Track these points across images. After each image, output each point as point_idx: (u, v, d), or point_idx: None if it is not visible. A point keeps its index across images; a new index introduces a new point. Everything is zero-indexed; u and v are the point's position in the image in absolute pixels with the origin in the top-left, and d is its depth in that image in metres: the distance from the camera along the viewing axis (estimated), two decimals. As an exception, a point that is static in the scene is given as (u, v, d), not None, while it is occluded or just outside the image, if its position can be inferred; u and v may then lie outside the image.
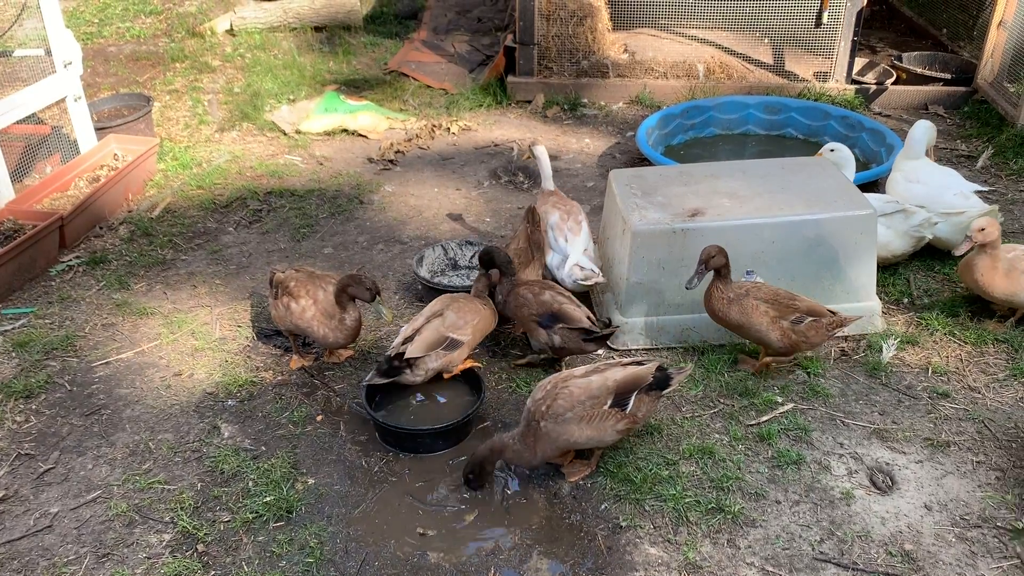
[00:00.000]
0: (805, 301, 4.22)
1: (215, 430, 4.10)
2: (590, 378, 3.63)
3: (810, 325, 4.16)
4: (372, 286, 4.14)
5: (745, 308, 4.13)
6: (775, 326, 4.14)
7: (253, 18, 9.24)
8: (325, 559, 3.42)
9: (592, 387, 3.59)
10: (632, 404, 3.63)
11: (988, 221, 4.39)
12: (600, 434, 3.60)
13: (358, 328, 4.31)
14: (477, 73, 8.40)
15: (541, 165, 5.25)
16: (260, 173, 6.64)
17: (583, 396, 3.57)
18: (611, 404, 3.60)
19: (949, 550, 3.42)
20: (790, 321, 4.13)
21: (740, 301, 4.15)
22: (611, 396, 3.60)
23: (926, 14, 9.17)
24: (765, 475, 3.78)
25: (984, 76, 7.33)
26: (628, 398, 3.62)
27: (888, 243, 4.97)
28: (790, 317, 4.14)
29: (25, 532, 3.57)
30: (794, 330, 4.14)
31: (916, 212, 4.95)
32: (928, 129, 5.37)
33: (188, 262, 5.50)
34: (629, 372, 3.67)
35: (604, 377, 3.63)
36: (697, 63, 7.79)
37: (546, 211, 4.95)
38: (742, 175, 4.84)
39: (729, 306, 4.18)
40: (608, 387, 3.61)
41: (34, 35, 5.96)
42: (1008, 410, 4.13)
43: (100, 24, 9.57)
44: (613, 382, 3.62)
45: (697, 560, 3.38)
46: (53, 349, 4.65)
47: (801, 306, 4.18)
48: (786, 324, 4.14)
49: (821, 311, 4.21)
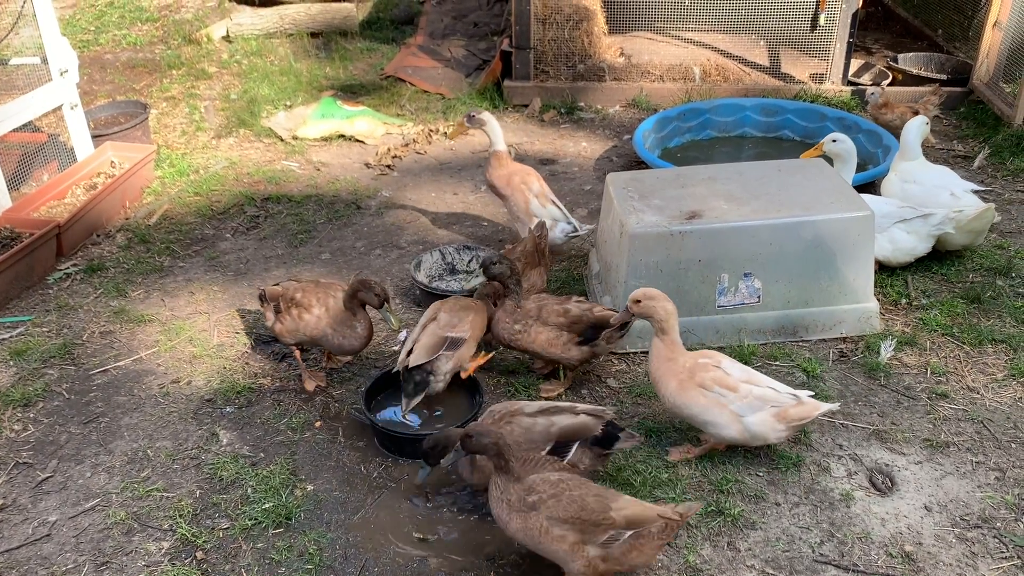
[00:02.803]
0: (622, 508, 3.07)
1: (214, 437, 4.09)
2: (536, 419, 3.50)
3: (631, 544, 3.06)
4: (381, 292, 4.11)
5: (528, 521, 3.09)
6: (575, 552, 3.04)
7: (249, 24, 9.24)
8: (324, 565, 3.41)
9: (534, 431, 3.47)
10: (572, 454, 3.47)
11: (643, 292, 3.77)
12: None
13: (371, 333, 4.27)
14: (474, 78, 8.41)
15: (492, 127, 5.31)
16: (257, 179, 6.64)
17: (521, 438, 3.45)
18: (549, 451, 3.44)
19: (949, 551, 3.41)
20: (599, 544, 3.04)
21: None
22: (551, 442, 3.45)
23: (921, 15, 9.18)
24: (764, 477, 3.78)
25: (980, 76, 7.34)
26: (569, 448, 3.47)
27: (913, 248, 4.98)
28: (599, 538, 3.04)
29: (24, 541, 3.56)
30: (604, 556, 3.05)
31: (934, 212, 4.95)
32: (920, 126, 5.38)
33: (186, 269, 5.50)
34: (578, 421, 3.49)
35: (550, 421, 3.49)
36: (693, 66, 7.80)
37: (522, 180, 5.24)
38: (739, 177, 4.85)
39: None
40: (550, 433, 3.47)
41: (30, 43, 5.97)
42: (1007, 410, 4.12)
43: (96, 32, 9.57)
44: (557, 429, 3.47)
45: (697, 563, 3.38)
46: (51, 357, 4.64)
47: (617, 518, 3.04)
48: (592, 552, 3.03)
49: (646, 517, 3.06)
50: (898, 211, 4.96)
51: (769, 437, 3.67)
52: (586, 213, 6.00)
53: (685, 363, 3.71)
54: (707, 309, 4.55)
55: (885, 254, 4.98)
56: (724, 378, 3.67)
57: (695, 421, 3.74)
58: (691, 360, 3.72)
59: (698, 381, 3.66)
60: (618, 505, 3.04)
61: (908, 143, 5.37)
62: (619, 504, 3.04)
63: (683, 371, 3.69)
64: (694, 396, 3.66)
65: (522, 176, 5.26)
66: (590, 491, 3.07)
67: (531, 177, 5.29)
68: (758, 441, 3.69)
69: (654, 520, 3.02)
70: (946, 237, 5.05)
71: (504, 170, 5.26)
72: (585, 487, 3.11)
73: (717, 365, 3.71)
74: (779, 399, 3.65)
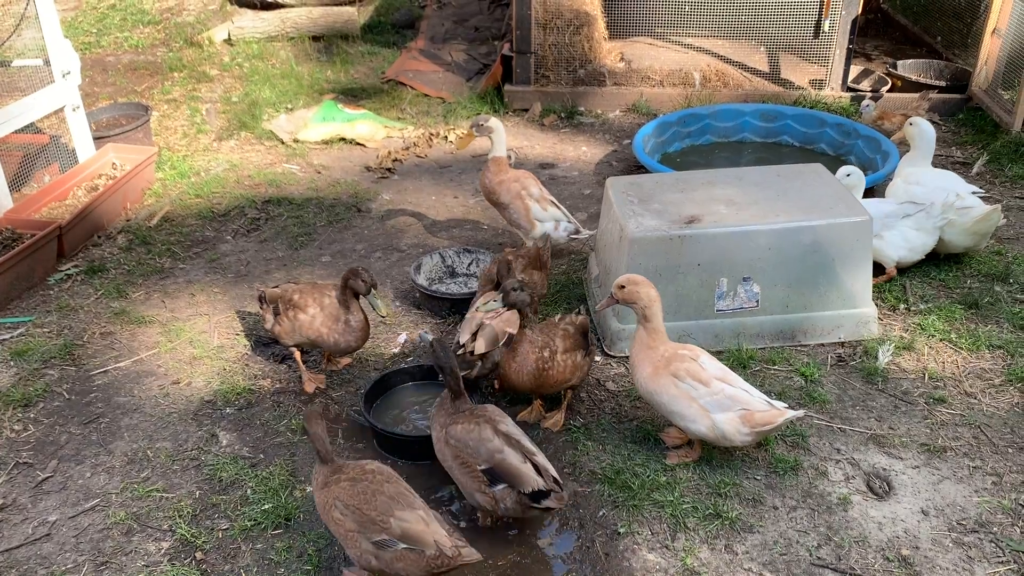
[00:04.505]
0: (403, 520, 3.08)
1: (213, 438, 4.10)
2: (494, 439, 3.37)
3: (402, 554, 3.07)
4: (368, 279, 4.16)
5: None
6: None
7: (251, 28, 9.27)
8: (323, 566, 3.42)
9: (484, 445, 3.37)
10: (499, 489, 3.36)
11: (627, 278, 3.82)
12: (467, 488, 3.45)
13: (366, 328, 4.31)
14: (474, 82, 8.43)
15: (499, 135, 5.31)
16: (258, 182, 6.66)
17: (470, 441, 3.39)
18: (483, 470, 3.36)
19: (946, 555, 3.42)
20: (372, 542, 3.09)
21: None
22: (488, 466, 3.35)
23: (921, 22, 9.21)
24: (762, 481, 3.79)
25: (979, 83, 7.36)
26: (499, 483, 3.36)
27: (924, 244, 5.01)
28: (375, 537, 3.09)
29: (23, 540, 3.57)
30: (376, 555, 3.09)
31: (933, 203, 4.98)
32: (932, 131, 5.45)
33: (186, 271, 5.51)
34: (516, 468, 3.33)
35: (500, 448, 3.36)
36: (693, 71, 7.83)
37: (522, 186, 5.25)
38: (738, 182, 4.87)
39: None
40: (493, 459, 3.35)
41: (33, 45, 5.99)
42: (1004, 415, 4.14)
43: (98, 34, 9.60)
44: (499, 459, 3.35)
45: (695, 566, 3.39)
46: (51, 358, 4.65)
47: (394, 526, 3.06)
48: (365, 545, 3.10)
49: (422, 540, 3.05)
50: (899, 208, 4.98)
51: (734, 439, 3.67)
52: (586, 217, 6.02)
53: (664, 352, 3.73)
54: (706, 313, 4.56)
55: (902, 254, 5.00)
56: (698, 371, 3.68)
57: (663, 410, 3.75)
58: (670, 350, 3.75)
59: (672, 370, 3.68)
60: (402, 516, 3.06)
61: (925, 142, 5.40)
62: (404, 515, 3.07)
63: (660, 359, 3.71)
64: (665, 384, 3.68)
65: (521, 182, 5.27)
66: (386, 493, 3.13)
67: (529, 181, 5.30)
68: (724, 442, 3.69)
69: (429, 545, 3.03)
70: (949, 239, 5.07)
71: (502, 177, 5.26)
72: (386, 486, 3.15)
73: (695, 358, 3.73)
74: (750, 402, 3.65)
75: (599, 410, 4.24)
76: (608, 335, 4.65)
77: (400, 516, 3.07)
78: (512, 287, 3.97)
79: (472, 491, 3.43)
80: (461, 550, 3.06)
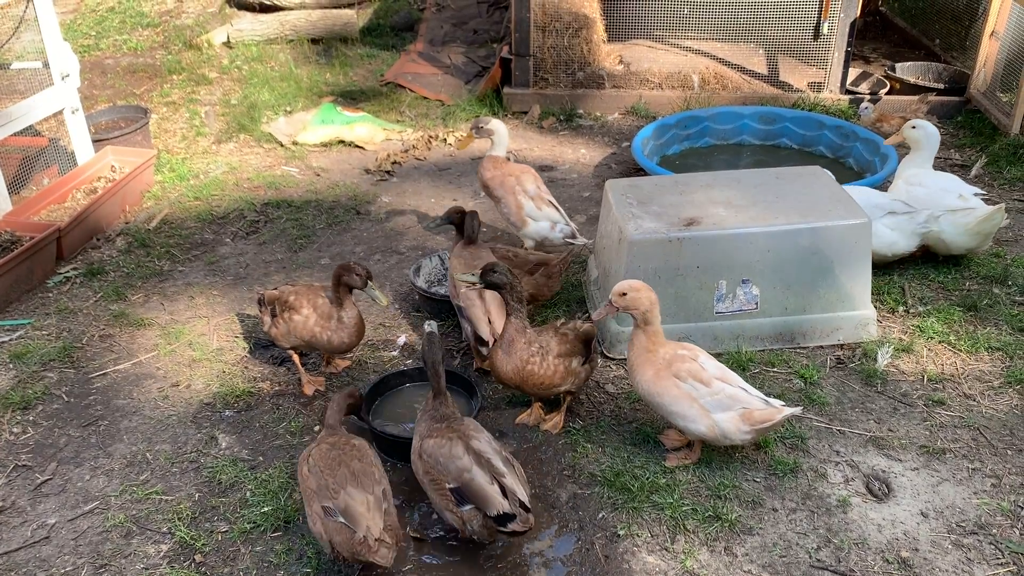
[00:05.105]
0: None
1: (213, 440, 4.10)
2: (464, 457, 3.30)
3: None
4: (362, 272, 4.15)
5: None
6: None
7: (250, 30, 9.28)
8: (323, 568, 3.42)
9: (453, 463, 3.31)
10: (466, 512, 3.29)
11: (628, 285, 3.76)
12: (437, 505, 3.41)
13: (360, 325, 4.30)
14: (473, 84, 8.44)
15: (500, 136, 5.31)
16: (257, 184, 6.66)
17: (441, 457, 3.34)
18: (451, 488, 3.30)
19: (945, 557, 3.42)
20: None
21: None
22: (456, 485, 3.28)
23: (919, 25, 9.23)
24: (762, 483, 3.79)
25: (977, 86, 7.38)
26: (467, 503, 3.28)
27: (894, 243, 5.02)
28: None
29: (22, 543, 3.57)
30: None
31: (921, 210, 5.00)
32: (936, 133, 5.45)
33: (185, 273, 5.51)
34: (483, 489, 3.24)
35: (467, 467, 3.29)
36: (692, 74, 7.84)
37: (517, 181, 5.22)
38: (737, 184, 4.87)
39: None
40: (461, 478, 3.29)
41: (32, 47, 5.99)
42: (1003, 417, 4.14)
43: (97, 37, 9.60)
44: (467, 479, 3.27)
45: (695, 568, 3.39)
46: (50, 360, 4.65)
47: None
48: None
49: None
50: (889, 203, 4.99)
51: (734, 438, 3.68)
52: (585, 219, 6.02)
53: (664, 354, 3.73)
54: (705, 316, 4.56)
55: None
56: (699, 372, 3.69)
57: (664, 411, 3.75)
58: (670, 351, 3.75)
59: (674, 371, 3.69)
60: (351, 493, 3.20)
61: (930, 148, 5.40)
62: (353, 493, 3.20)
63: (661, 361, 3.71)
64: (667, 386, 3.68)
65: (516, 177, 5.23)
66: (351, 468, 3.28)
67: (526, 176, 5.25)
68: (724, 441, 3.71)
69: (360, 528, 3.12)
70: (952, 240, 5.07)
71: (498, 171, 5.25)
72: (355, 463, 3.31)
73: (695, 358, 3.74)
74: (749, 401, 3.66)
75: (598, 412, 4.24)
76: (608, 337, 4.65)
77: (350, 492, 3.20)
78: (491, 268, 3.92)
79: (442, 508, 3.38)
80: (380, 547, 3.11)
